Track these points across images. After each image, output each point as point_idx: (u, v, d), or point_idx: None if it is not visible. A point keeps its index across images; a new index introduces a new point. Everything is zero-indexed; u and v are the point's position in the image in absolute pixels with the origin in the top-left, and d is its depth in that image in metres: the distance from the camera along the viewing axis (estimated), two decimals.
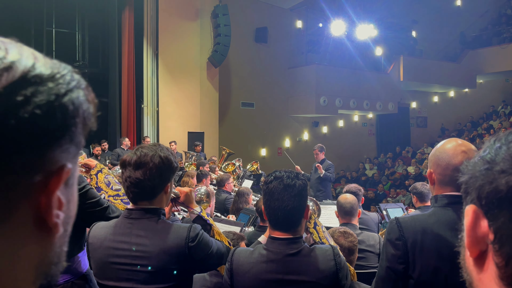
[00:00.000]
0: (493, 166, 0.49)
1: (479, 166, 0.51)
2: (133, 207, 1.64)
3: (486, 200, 0.49)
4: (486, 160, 0.50)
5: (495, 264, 0.48)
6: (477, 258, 0.51)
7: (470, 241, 0.51)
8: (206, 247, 1.65)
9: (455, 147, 1.54)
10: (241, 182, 7.77)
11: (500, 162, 0.48)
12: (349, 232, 2.57)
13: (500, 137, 0.51)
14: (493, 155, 0.49)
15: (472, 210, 0.50)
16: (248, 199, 4.96)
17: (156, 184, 1.62)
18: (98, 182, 2.16)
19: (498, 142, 0.51)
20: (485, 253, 0.50)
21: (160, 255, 1.55)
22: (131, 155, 1.63)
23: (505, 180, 0.47)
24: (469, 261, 0.53)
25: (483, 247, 0.50)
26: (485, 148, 0.52)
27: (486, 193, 0.48)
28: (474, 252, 0.51)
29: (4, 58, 0.44)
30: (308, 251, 1.70)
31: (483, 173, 0.50)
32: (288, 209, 1.68)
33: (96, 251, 1.65)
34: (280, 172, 1.76)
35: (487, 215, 0.49)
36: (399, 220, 1.54)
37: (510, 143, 0.49)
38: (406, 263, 1.51)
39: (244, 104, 13.68)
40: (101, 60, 12.35)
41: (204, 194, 3.03)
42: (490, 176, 0.49)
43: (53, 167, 0.45)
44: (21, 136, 0.42)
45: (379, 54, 15.57)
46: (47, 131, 0.44)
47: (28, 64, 0.46)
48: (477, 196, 0.50)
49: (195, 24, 11.67)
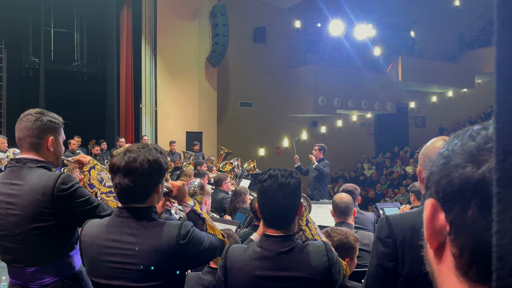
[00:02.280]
0: (449, 161, 0.51)
1: (437, 162, 0.53)
2: (124, 206, 1.65)
3: (442, 193, 0.51)
4: (444, 156, 0.52)
5: (451, 255, 0.50)
6: (436, 250, 0.53)
7: (429, 233, 0.53)
8: (198, 244, 1.66)
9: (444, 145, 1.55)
10: (239, 182, 7.78)
11: (455, 156, 0.50)
12: (335, 231, 2.55)
13: (458, 134, 0.53)
14: (450, 151, 0.51)
15: (431, 204, 0.52)
16: (245, 198, 4.97)
17: (146, 189, 1.62)
18: (91, 179, 2.15)
19: (456, 139, 0.53)
20: (443, 244, 0.52)
21: (151, 253, 1.56)
22: (119, 160, 1.60)
23: (459, 173, 0.49)
24: (430, 253, 0.55)
25: (441, 238, 0.52)
26: (445, 145, 0.54)
27: (442, 186, 0.51)
28: (434, 244, 0.53)
29: None
30: (301, 248, 1.71)
31: (440, 168, 0.52)
32: (282, 208, 1.69)
33: (88, 249, 1.66)
34: (274, 170, 1.77)
35: (444, 208, 0.51)
36: (389, 218, 1.56)
37: (464, 138, 0.51)
38: (396, 260, 1.52)
39: (242, 104, 13.69)
40: (99, 60, 12.36)
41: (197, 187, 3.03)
42: (446, 170, 0.51)
43: None
44: None
45: (378, 54, 15.60)
46: None
47: None
48: (435, 190, 0.52)
49: (193, 24, 11.68)
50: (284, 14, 14.42)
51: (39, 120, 1.99)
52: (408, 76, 15.62)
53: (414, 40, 17.51)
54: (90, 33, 12.23)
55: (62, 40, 11.92)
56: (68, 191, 1.91)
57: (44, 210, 1.89)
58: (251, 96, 13.77)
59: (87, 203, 1.95)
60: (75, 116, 11.15)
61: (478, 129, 0.53)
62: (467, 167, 0.49)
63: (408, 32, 17.41)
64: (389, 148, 16.54)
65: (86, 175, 2.16)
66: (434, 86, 17.18)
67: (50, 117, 2.03)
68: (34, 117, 1.99)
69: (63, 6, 11.46)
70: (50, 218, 1.91)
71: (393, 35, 16.13)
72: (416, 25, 17.42)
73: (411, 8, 16.79)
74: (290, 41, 14.63)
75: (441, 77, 16.38)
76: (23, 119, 2.00)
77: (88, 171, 2.17)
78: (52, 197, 1.88)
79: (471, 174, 0.48)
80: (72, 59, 12.05)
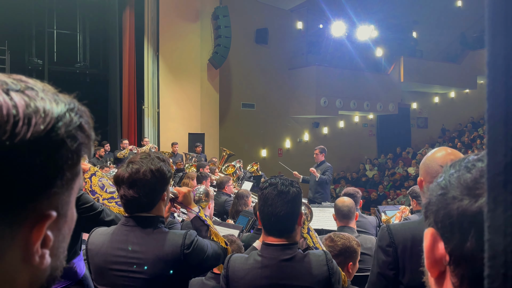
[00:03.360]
0: (446, 192, 0.52)
1: (435, 191, 0.55)
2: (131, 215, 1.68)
3: (441, 224, 0.53)
4: (441, 186, 0.54)
5: (451, 284, 0.52)
6: (437, 278, 0.55)
7: (430, 263, 0.54)
8: (201, 252, 1.69)
9: (444, 156, 1.58)
10: (241, 184, 7.79)
11: (452, 188, 0.52)
12: (338, 235, 2.60)
13: (455, 164, 0.55)
14: (447, 182, 0.53)
15: (430, 233, 0.54)
16: (247, 201, 4.99)
17: (151, 198, 1.65)
18: (92, 186, 2.17)
19: (453, 169, 0.54)
20: (444, 273, 0.54)
21: (156, 262, 1.59)
22: (123, 172, 1.64)
23: (456, 205, 0.51)
24: (431, 281, 0.57)
25: (442, 268, 0.53)
26: (442, 173, 0.56)
27: (441, 217, 0.52)
28: (434, 273, 0.55)
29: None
30: (301, 257, 1.74)
31: (438, 199, 0.54)
32: (281, 215, 1.72)
33: (94, 258, 1.69)
34: (275, 178, 1.80)
35: (443, 238, 0.52)
36: (390, 227, 1.58)
37: (461, 170, 0.53)
38: (397, 269, 1.55)
39: (244, 105, 13.71)
40: (102, 61, 12.40)
41: (203, 193, 3.06)
42: (444, 201, 0.53)
43: (37, 216, 0.46)
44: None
45: (380, 55, 15.59)
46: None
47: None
48: (434, 220, 0.54)
49: (195, 25, 11.71)
50: (286, 15, 14.43)
51: None
52: (410, 77, 15.61)
53: (416, 41, 17.49)
54: (93, 35, 12.28)
55: (65, 41, 11.96)
56: None
57: None
58: (253, 97, 13.79)
59: (91, 209, 1.99)
60: None
61: (474, 159, 0.55)
62: (464, 200, 0.50)
63: (410, 33, 17.40)
64: (391, 149, 16.52)
65: (87, 182, 2.18)
66: (436, 86, 17.16)
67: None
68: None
69: (66, 7, 11.51)
70: None
71: (395, 36, 16.13)
72: (418, 26, 17.41)
73: (413, 9, 16.77)
74: (292, 42, 14.64)
75: (443, 78, 16.36)
76: None
77: (89, 178, 2.20)
78: None
79: (469, 207, 0.50)
80: (75, 61, 12.09)
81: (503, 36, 0.36)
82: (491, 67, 0.37)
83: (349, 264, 2.49)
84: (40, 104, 0.46)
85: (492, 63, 0.37)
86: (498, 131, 0.36)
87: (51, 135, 0.46)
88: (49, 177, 0.46)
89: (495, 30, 0.37)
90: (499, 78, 0.37)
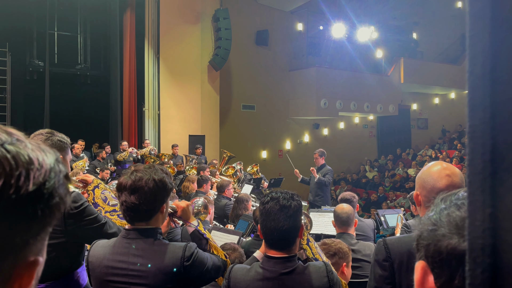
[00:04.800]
0: (437, 228, 0.55)
1: (426, 225, 0.57)
2: (131, 227, 1.70)
3: (431, 259, 0.55)
4: (432, 221, 0.56)
5: None
6: None
7: None
8: (201, 265, 1.72)
9: (440, 170, 1.60)
10: (241, 186, 7.81)
11: (442, 225, 0.54)
12: (330, 239, 2.78)
13: (445, 198, 0.57)
14: (437, 218, 0.55)
15: (421, 267, 0.56)
16: (247, 205, 5.02)
17: (151, 207, 1.68)
18: (95, 198, 2.20)
19: (443, 203, 0.56)
20: None
21: (156, 274, 1.62)
22: (126, 179, 1.68)
23: (446, 243, 0.53)
24: None
25: None
26: (433, 207, 0.58)
27: (431, 252, 0.55)
28: None
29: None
30: (302, 269, 1.77)
31: (429, 234, 0.56)
32: (284, 230, 1.75)
33: (95, 270, 1.72)
34: (276, 193, 1.84)
35: (433, 273, 0.54)
36: (386, 241, 1.61)
37: (451, 207, 0.55)
38: (393, 283, 1.57)
39: (245, 106, 13.74)
40: (103, 63, 12.43)
41: (201, 206, 3.09)
42: (434, 237, 0.55)
43: (26, 263, 0.48)
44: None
45: (380, 56, 15.61)
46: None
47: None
48: (424, 254, 0.56)
49: (196, 27, 11.73)
50: (286, 17, 14.45)
51: (49, 139, 2.05)
52: (411, 78, 15.63)
53: (416, 42, 17.50)
54: (94, 37, 12.30)
55: (66, 43, 11.99)
56: (78, 209, 1.98)
57: (56, 227, 1.95)
58: (253, 99, 13.81)
59: (95, 221, 2.02)
60: (78, 119, 11.31)
61: (464, 196, 0.57)
62: (453, 238, 0.52)
63: (410, 34, 17.41)
64: (392, 150, 16.55)
65: (90, 194, 2.21)
66: (436, 88, 17.17)
67: (60, 137, 2.10)
68: (45, 137, 2.05)
69: (67, 9, 11.53)
70: (61, 235, 1.97)
71: (395, 37, 16.15)
72: (418, 27, 17.42)
73: (413, 10, 16.79)
74: (292, 44, 14.66)
75: (443, 79, 16.37)
76: (33, 139, 2.04)
77: (92, 190, 2.22)
78: (63, 215, 1.94)
79: (457, 245, 0.51)
80: (75, 62, 12.11)
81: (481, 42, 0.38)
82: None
83: (343, 265, 2.60)
84: (33, 155, 0.48)
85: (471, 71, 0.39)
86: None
87: (46, 185, 0.48)
88: (46, 225, 0.48)
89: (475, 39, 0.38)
90: (479, 85, 0.38)
